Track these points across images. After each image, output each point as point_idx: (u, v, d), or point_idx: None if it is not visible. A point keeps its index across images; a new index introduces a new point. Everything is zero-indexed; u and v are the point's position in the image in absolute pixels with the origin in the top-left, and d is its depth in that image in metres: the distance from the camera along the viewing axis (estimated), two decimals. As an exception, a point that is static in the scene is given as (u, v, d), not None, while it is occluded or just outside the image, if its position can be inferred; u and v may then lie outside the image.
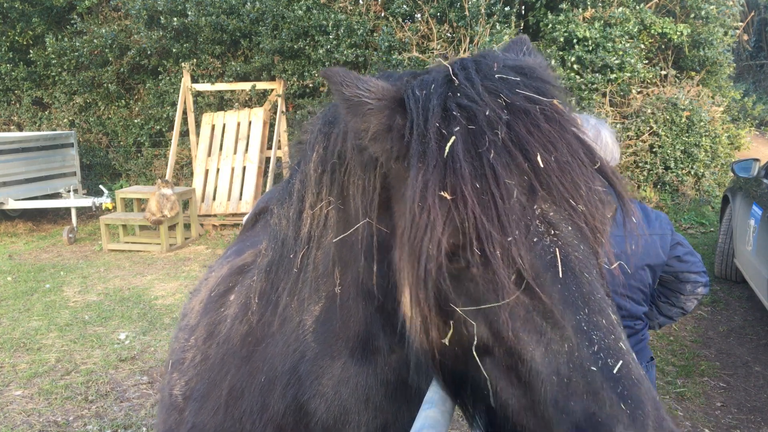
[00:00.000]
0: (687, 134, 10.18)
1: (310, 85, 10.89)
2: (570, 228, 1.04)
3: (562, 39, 9.95)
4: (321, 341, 1.39)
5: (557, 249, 1.01)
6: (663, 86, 10.71)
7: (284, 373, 1.43)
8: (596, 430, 0.90)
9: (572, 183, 1.04)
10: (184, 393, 1.77)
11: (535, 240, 1.02)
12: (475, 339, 1.07)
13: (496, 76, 1.14)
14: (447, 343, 1.11)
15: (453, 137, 1.06)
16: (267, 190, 10.33)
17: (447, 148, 1.05)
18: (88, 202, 10.17)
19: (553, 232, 1.03)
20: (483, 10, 9.84)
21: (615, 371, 0.93)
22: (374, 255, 1.26)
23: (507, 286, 1.01)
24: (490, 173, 1.01)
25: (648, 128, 10.23)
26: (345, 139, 1.31)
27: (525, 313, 1.02)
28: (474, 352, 1.08)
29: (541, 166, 1.03)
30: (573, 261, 1.02)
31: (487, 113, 1.07)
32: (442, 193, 1.02)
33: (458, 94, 1.11)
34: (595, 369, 0.94)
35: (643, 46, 10.40)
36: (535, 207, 1.03)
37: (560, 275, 1.00)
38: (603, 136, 2.35)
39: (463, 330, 1.08)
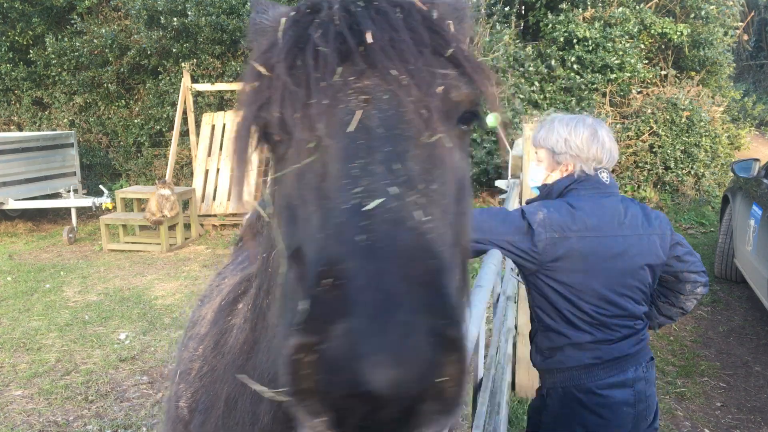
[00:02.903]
0: (687, 134, 10.19)
1: (310, 85, 10.89)
2: (386, 97, 0.97)
3: (562, 39, 9.95)
4: None
5: (360, 111, 0.96)
6: (663, 86, 10.72)
7: (270, 382, 1.33)
8: (330, 268, 0.77)
9: (401, 58, 0.99)
10: (189, 405, 1.71)
11: (340, 107, 0.97)
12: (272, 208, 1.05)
13: None
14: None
15: (283, 19, 1.09)
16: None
17: (280, 31, 1.07)
18: (88, 202, 10.17)
19: (363, 98, 0.97)
20: (483, 10, 9.84)
21: (368, 207, 0.82)
22: None
23: (302, 149, 0.98)
24: (309, 47, 1.00)
25: (648, 128, 10.23)
26: None
27: (314, 175, 0.96)
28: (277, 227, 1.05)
29: (370, 41, 0.99)
30: (371, 119, 0.95)
31: (331, 3, 1.07)
32: (260, 68, 1.04)
33: None
34: (346, 207, 0.84)
35: (643, 46, 10.40)
36: (352, 78, 0.98)
37: (349, 130, 0.94)
38: (600, 136, 2.35)
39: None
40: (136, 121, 13.08)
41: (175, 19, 11.15)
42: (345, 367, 0.68)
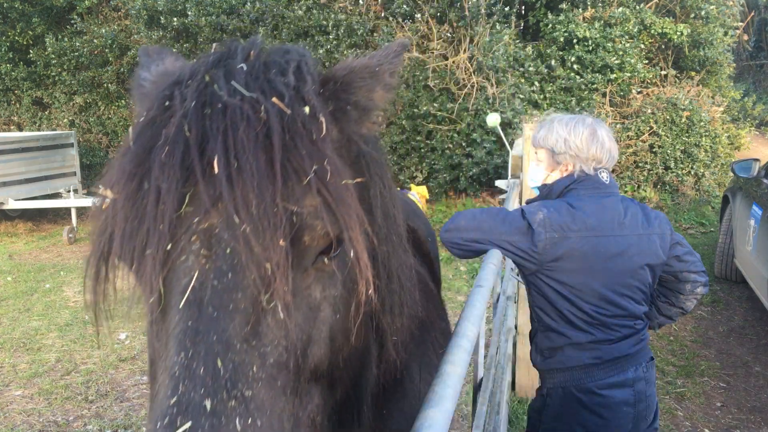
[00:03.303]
0: (687, 134, 10.19)
1: (310, 85, 10.89)
2: (228, 251, 0.87)
3: (562, 39, 9.95)
4: None
5: (196, 273, 0.86)
6: (663, 86, 10.72)
7: None
8: None
9: (244, 197, 0.85)
10: None
11: (181, 259, 0.88)
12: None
13: (240, 65, 0.99)
14: None
15: (130, 128, 0.98)
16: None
17: (131, 140, 0.95)
18: (88, 202, 10.16)
19: (203, 253, 0.87)
20: (483, 10, 9.84)
21: None
22: None
23: (147, 303, 0.90)
24: (153, 173, 0.88)
25: (648, 128, 10.23)
26: None
27: (157, 338, 0.91)
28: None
29: (216, 171, 0.86)
30: (206, 290, 0.86)
31: (186, 102, 0.93)
32: (105, 191, 0.95)
33: (183, 80, 0.98)
34: (159, 425, 0.78)
35: (643, 46, 10.40)
36: (197, 218, 0.88)
37: (181, 305, 0.85)
38: (599, 135, 2.35)
39: None
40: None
41: (175, 19, 11.15)
42: None
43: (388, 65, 1.14)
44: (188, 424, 0.77)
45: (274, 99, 0.94)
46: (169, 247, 0.88)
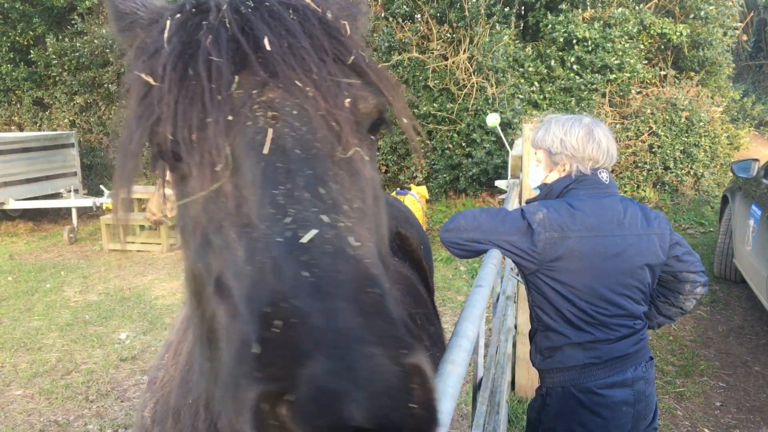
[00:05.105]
0: (686, 134, 10.20)
1: (310, 86, 10.91)
2: (295, 112, 0.91)
3: (561, 39, 9.97)
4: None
5: (270, 129, 0.89)
6: (662, 86, 10.73)
7: (201, 393, 1.28)
8: (277, 309, 0.73)
9: (303, 67, 0.93)
10: (152, 415, 1.66)
11: (248, 124, 0.90)
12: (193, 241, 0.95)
13: None
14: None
15: (168, 21, 0.99)
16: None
17: (165, 34, 0.97)
18: (88, 202, 10.18)
19: (270, 114, 0.91)
20: (483, 11, 9.86)
21: (304, 240, 0.79)
22: None
23: (208, 172, 0.90)
24: (200, 55, 0.92)
25: (647, 128, 10.25)
26: None
27: (229, 200, 0.89)
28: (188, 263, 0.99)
29: (268, 49, 0.93)
30: (285, 139, 0.89)
31: (219, 3, 0.99)
32: (144, 75, 0.95)
33: None
34: (281, 240, 0.79)
35: (642, 46, 10.42)
36: (254, 90, 0.92)
37: (264, 152, 0.87)
38: (596, 135, 2.36)
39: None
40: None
41: (175, 19, 11.16)
42: (322, 409, 0.65)
43: None
44: (314, 232, 0.80)
45: (309, 0, 1.02)
46: (230, 118, 0.90)
